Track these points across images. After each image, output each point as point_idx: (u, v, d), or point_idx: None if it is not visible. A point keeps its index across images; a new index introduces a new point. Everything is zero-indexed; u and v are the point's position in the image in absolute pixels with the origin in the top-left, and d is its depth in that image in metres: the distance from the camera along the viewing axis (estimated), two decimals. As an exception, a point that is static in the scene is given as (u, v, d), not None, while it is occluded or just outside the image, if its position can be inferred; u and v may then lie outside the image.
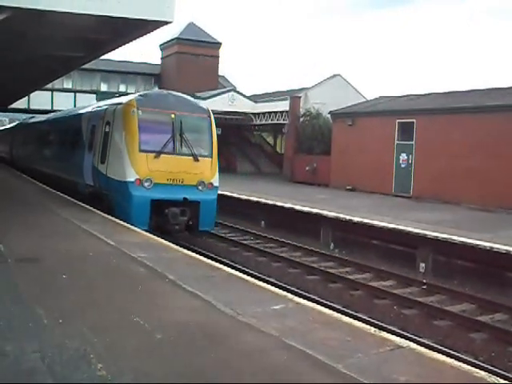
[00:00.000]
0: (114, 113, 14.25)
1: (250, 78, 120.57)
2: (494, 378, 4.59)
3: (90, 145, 15.62)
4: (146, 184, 12.96)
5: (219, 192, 15.19)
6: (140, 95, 14.43)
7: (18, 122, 36.18)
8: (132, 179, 12.98)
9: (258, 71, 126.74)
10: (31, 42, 13.40)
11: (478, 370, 4.80)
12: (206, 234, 15.74)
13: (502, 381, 4.58)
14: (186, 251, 9.92)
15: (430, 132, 22.03)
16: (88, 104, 19.74)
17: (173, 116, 13.53)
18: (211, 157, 14.53)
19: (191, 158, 13.71)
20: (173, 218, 13.12)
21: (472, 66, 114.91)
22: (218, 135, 15.99)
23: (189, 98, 15.65)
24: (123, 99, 14.89)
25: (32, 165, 24.87)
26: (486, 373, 4.82)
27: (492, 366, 7.42)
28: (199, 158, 13.94)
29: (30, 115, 33.53)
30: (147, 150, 13.15)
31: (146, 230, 11.83)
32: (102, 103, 17.35)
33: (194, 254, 9.70)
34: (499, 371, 7.05)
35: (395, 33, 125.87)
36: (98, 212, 13.34)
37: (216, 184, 14.47)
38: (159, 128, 13.55)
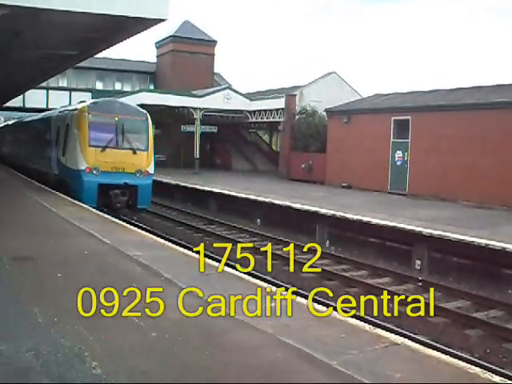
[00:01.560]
0: (72, 116, 17.97)
1: (245, 75, 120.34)
2: (488, 375, 4.60)
3: (56, 142, 19.49)
4: (94, 171, 16.55)
5: (218, 190, 19.08)
6: (91, 103, 18.27)
7: (3, 124, 41.11)
8: (83, 168, 16.59)
9: (253, 69, 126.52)
10: (26, 40, 13.36)
11: (472, 367, 4.82)
12: (203, 233, 17.26)
13: (496, 377, 4.60)
14: (182, 249, 9.93)
15: (426, 129, 22.04)
16: (61, 108, 22.56)
17: (116, 119, 17.01)
18: (147, 151, 17.68)
19: (131, 151, 17.06)
20: (115, 198, 16.72)
21: (470, 63, 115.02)
22: (213, 133, 23.57)
23: (131, 104, 19.58)
24: (80, 105, 18.30)
25: (17, 160, 29.08)
26: (481, 369, 4.83)
27: (487, 363, 7.45)
28: (137, 152, 17.24)
29: (23, 114, 35.74)
30: (95, 145, 16.70)
31: (94, 207, 15.11)
32: (65, 108, 20.93)
33: (190, 253, 9.71)
34: (494, 367, 7.08)
35: (391, 30, 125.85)
36: (60, 194, 16.83)
37: (151, 172, 17.79)
38: (105, 128, 16.93)
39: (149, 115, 18.13)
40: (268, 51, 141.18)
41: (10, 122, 37.83)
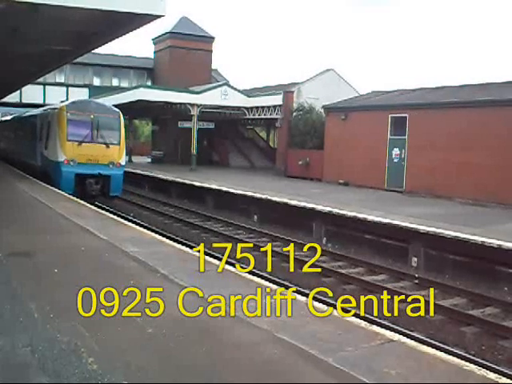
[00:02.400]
0: (53, 115, 20.36)
1: (243, 72, 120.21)
2: (483, 371, 4.62)
3: (40, 137, 21.88)
4: (71, 163, 18.82)
5: (214, 186, 20.53)
6: (70, 102, 20.76)
7: None
8: (62, 159, 18.89)
9: (251, 66, 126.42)
10: (24, 36, 13.31)
11: (468, 364, 4.84)
12: (200, 229, 17.41)
13: (491, 374, 4.62)
14: (179, 246, 9.93)
15: (423, 126, 22.06)
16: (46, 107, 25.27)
17: (92, 116, 19.26)
18: (119, 145, 19.85)
19: (104, 145, 19.32)
20: (90, 186, 19.02)
21: (466, 60, 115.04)
22: (211, 129, 25.98)
23: (105, 103, 22.11)
24: (60, 105, 20.81)
25: (9, 154, 31.58)
26: (476, 366, 4.85)
27: (482, 360, 7.48)
28: (110, 146, 19.42)
29: (19, 110, 35.83)
30: (73, 139, 19.01)
31: (72, 194, 16.98)
32: (48, 107, 23.51)
33: (187, 249, 9.71)
34: (489, 364, 7.11)
35: (389, 27, 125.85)
36: (42, 184, 18.92)
37: (123, 163, 20.19)
38: (82, 124, 19.18)
39: (121, 113, 20.35)
40: (266, 48, 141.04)
41: (2, 119, 39.43)
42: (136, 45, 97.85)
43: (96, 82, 41.22)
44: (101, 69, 41.02)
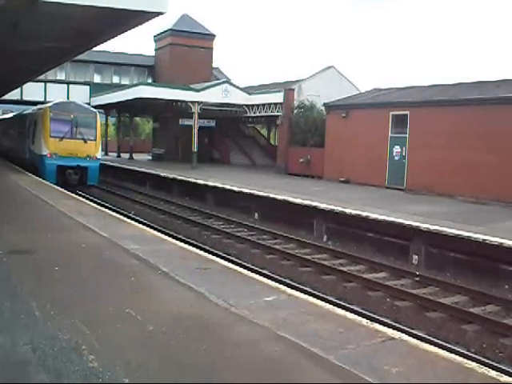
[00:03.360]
0: (38, 114, 23.76)
1: (243, 69, 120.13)
2: (484, 369, 4.62)
3: (28, 134, 25.19)
4: (53, 156, 21.91)
5: (215, 184, 21.76)
6: (53, 104, 23.54)
7: None
8: (45, 153, 22.09)
9: (251, 63, 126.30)
10: (25, 32, 13.28)
11: (469, 361, 4.83)
12: (200, 227, 17.46)
13: (492, 372, 4.61)
14: (180, 244, 9.93)
15: (424, 124, 22.01)
16: (41, 105, 27.26)
17: (72, 116, 22.37)
18: (95, 140, 23.01)
19: (82, 141, 22.41)
20: (70, 176, 22.27)
21: (470, 57, 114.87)
22: (211, 127, 30.83)
23: (84, 104, 25.10)
24: (45, 106, 24.16)
25: (5, 150, 34.44)
26: (478, 364, 4.84)
27: (483, 357, 7.47)
28: (87, 141, 22.56)
29: (20, 107, 37.10)
30: (55, 136, 22.11)
31: (54, 183, 19.95)
32: (36, 108, 26.08)
33: (188, 247, 9.71)
34: (490, 362, 7.10)
35: (391, 25, 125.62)
36: (29, 174, 21.93)
37: (99, 157, 23.46)
38: (63, 123, 22.20)
39: (98, 113, 23.82)
40: (267, 45, 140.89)
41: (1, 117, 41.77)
42: (137, 42, 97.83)
43: (97, 79, 41.18)
44: (102, 66, 40.98)
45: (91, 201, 17.69)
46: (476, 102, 20.32)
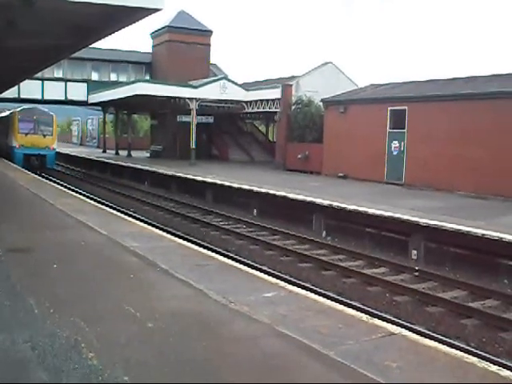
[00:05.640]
0: (11, 117, 31.99)
1: (241, 66, 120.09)
2: (484, 364, 4.62)
3: (7, 131, 32.47)
4: (21, 147, 29.76)
5: (214, 180, 22.18)
6: (21, 109, 32.11)
7: None
8: (15, 145, 30.07)
9: (249, 59, 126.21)
10: (21, 29, 13.22)
11: (469, 356, 4.83)
12: (199, 224, 17.57)
13: (492, 366, 4.61)
14: (179, 240, 9.92)
15: (422, 119, 22.00)
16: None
17: (34, 117, 30.52)
18: (52, 135, 30.99)
19: (42, 136, 30.37)
20: (33, 162, 29.64)
21: (467, 52, 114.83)
22: (209, 123, 34.51)
23: (44, 109, 32.57)
24: (15, 110, 32.12)
25: None
26: (477, 358, 4.85)
27: (483, 352, 7.48)
28: (46, 136, 30.47)
29: (18, 105, 37.43)
30: (22, 132, 30.04)
31: (22, 166, 27.01)
32: (12, 111, 33.54)
33: (187, 244, 9.70)
34: (490, 357, 7.11)
35: (388, 20, 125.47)
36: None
37: (55, 147, 31.33)
38: (28, 123, 30.15)
39: (54, 115, 31.56)
40: (264, 41, 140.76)
41: None
42: (134, 39, 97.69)
43: (94, 76, 41.04)
44: (99, 63, 40.83)
45: (91, 199, 17.67)
46: (475, 96, 20.32)
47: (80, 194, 19.26)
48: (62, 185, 23.04)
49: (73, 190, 19.90)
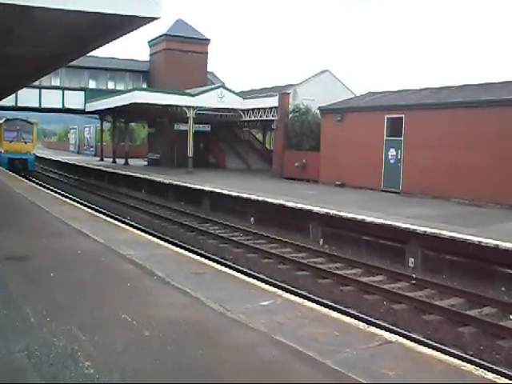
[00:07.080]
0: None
1: (238, 74, 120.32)
2: (481, 371, 4.62)
3: None
4: (6, 152, 34.32)
5: (211, 189, 21.90)
6: (6, 119, 36.50)
7: None
8: (2, 151, 34.54)
9: (246, 68, 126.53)
10: (19, 38, 13.26)
11: (466, 364, 4.83)
12: (196, 232, 17.45)
13: (489, 374, 4.61)
14: (176, 249, 9.91)
15: (419, 127, 22.05)
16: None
17: (18, 127, 35.11)
18: (32, 142, 35.73)
19: (24, 142, 34.99)
20: (16, 165, 33.53)
21: (463, 60, 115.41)
22: (207, 132, 35.64)
23: (26, 119, 37.69)
24: (1, 122, 36.23)
25: None
26: (474, 366, 4.85)
27: (480, 360, 7.47)
28: (27, 143, 35.10)
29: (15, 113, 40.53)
30: (7, 140, 34.78)
31: (6, 169, 30.99)
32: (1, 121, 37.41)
33: (184, 252, 9.70)
34: (487, 364, 7.10)
35: (385, 28, 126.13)
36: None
37: (34, 152, 35.96)
38: (12, 132, 34.94)
39: (35, 125, 37.18)
40: (261, 49, 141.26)
41: None
42: (132, 48, 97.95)
43: (92, 84, 41.08)
44: (96, 72, 40.88)
45: (86, 206, 17.66)
46: (471, 104, 20.39)
47: (76, 201, 19.25)
48: (58, 193, 23.01)
49: (70, 198, 19.88)
